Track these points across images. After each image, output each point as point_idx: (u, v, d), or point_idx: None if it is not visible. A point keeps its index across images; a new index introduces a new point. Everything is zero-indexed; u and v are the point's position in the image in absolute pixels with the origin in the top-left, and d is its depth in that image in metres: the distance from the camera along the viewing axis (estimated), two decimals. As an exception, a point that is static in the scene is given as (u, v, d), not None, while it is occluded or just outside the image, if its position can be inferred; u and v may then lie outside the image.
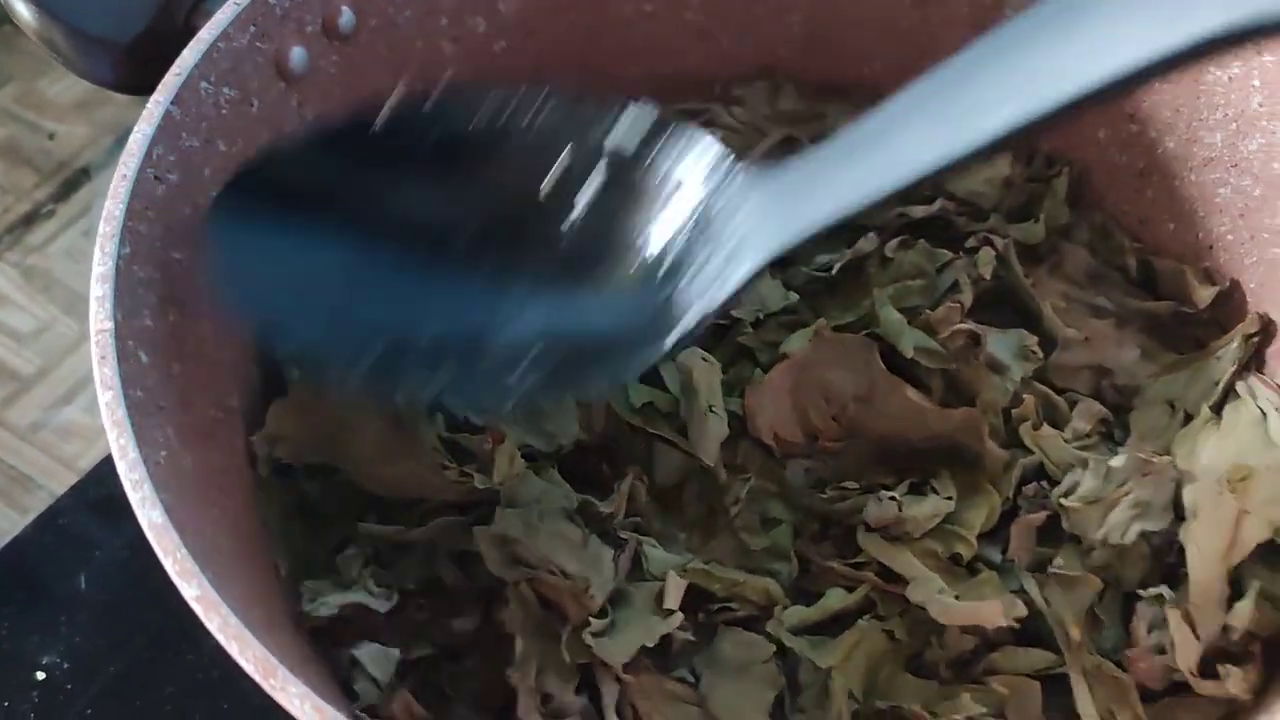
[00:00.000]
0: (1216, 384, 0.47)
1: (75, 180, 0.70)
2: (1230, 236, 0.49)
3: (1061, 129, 0.53)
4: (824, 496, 0.45)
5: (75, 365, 0.63)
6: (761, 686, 0.41)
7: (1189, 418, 0.47)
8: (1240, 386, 0.47)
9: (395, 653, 0.43)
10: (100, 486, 0.54)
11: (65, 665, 0.50)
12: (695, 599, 0.44)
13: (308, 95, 0.48)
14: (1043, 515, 0.44)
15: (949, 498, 0.44)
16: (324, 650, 0.43)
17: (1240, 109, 0.47)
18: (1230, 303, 0.50)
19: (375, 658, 0.42)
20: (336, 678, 0.42)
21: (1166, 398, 0.48)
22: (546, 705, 0.41)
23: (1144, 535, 0.43)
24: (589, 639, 0.41)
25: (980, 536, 0.44)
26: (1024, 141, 0.54)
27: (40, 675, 0.50)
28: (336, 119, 0.43)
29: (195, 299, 0.43)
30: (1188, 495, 0.43)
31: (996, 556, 0.44)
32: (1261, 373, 0.47)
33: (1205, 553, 0.41)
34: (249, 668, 0.30)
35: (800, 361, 0.47)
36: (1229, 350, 0.47)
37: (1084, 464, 0.45)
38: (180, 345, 0.41)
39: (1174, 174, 0.51)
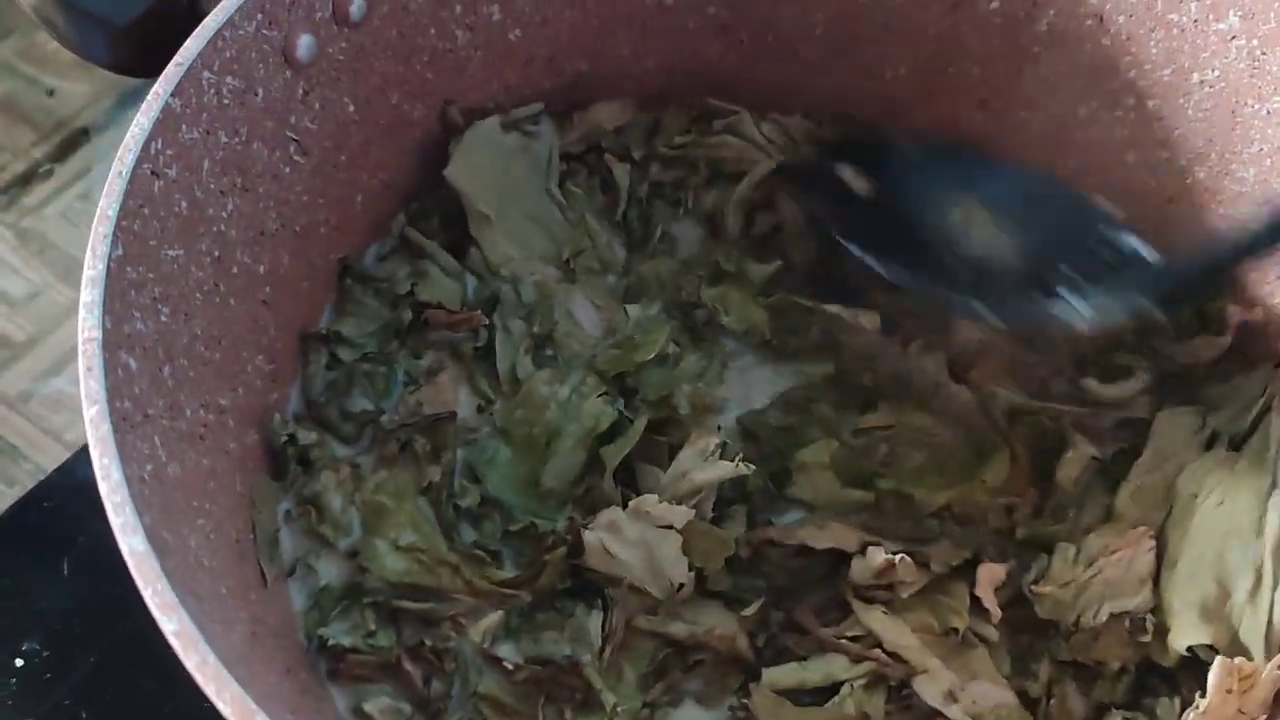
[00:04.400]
0: (1248, 408, 0.46)
1: (74, 140, 0.68)
2: (1254, 274, 0.48)
3: (1091, 151, 0.52)
4: None
5: (67, 334, 0.61)
6: None
7: (1214, 439, 0.46)
8: (1274, 419, 0.46)
9: (406, 707, 0.43)
10: (87, 467, 0.53)
11: (45, 653, 0.49)
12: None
13: (315, 83, 0.46)
14: (1001, 569, 0.44)
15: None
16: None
17: (1277, 145, 0.46)
18: (1257, 336, 0.48)
19: (386, 712, 0.42)
20: (322, 696, 0.42)
21: (1183, 427, 0.47)
22: None
23: (1115, 616, 0.43)
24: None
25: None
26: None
27: (19, 662, 0.49)
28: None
29: (189, 296, 0.41)
30: (1212, 676, 0.40)
31: (991, 633, 0.44)
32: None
33: None
34: (226, 710, 0.29)
35: None
36: (1256, 374, 0.47)
37: (1048, 549, 0.45)
38: (171, 346, 0.40)
39: (1202, 204, 0.49)
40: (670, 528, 0.43)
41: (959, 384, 0.48)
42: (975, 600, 0.44)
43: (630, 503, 0.44)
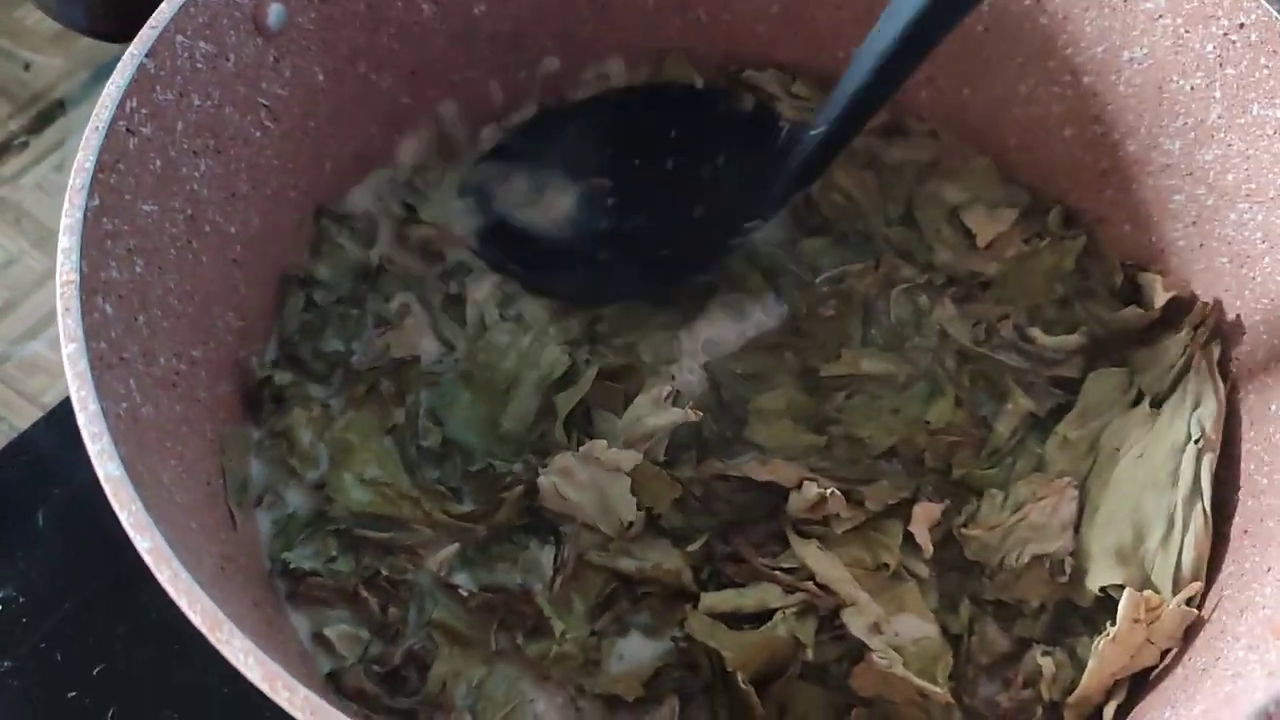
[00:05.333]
0: (1171, 368, 0.49)
1: (50, 113, 0.69)
2: (1182, 243, 0.51)
3: (1030, 126, 0.55)
4: None
5: (42, 300, 0.63)
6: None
7: (1140, 398, 0.49)
8: (1193, 378, 0.48)
9: (364, 633, 0.45)
10: (63, 424, 0.54)
11: (21, 599, 0.51)
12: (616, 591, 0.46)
13: (285, 51, 0.48)
14: (937, 508, 0.46)
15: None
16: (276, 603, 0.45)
17: (1199, 119, 0.48)
18: (1184, 307, 0.51)
19: (345, 637, 0.44)
20: (285, 629, 0.44)
21: (1111, 386, 0.50)
22: None
23: (1038, 558, 0.46)
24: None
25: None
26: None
27: (-3, 607, 0.51)
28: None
29: (163, 250, 0.43)
30: (1122, 606, 0.43)
31: (922, 569, 0.46)
32: (1224, 372, 0.48)
33: (1104, 669, 0.43)
34: (196, 620, 0.31)
35: None
36: (1178, 338, 0.49)
37: (979, 493, 0.47)
38: (145, 297, 0.41)
39: (1133, 177, 0.52)
40: (619, 470, 0.45)
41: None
42: (909, 539, 0.46)
43: (581, 448, 0.46)
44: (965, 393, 0.50)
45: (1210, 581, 0.44)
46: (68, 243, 0.37)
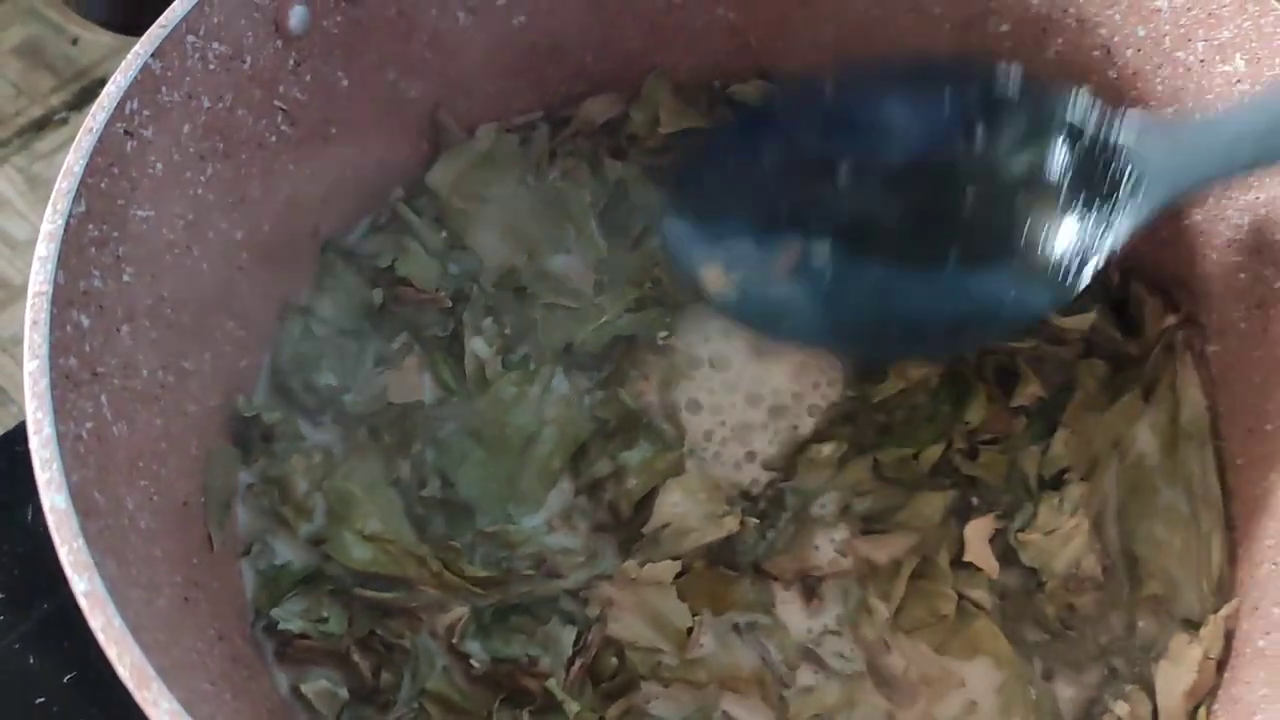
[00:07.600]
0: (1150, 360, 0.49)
1: (93, 90, 0.68)
2: (1244, 325, 0.47)
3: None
4: None
5: (64, 282, 0.63)
6: None
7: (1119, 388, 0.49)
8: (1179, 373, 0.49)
9: (344, 694, 0.42)
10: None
11: (1, 597, 0.50)
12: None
13: (306, 55, 0.46)
14: (989, 520, 0.45)
15: None
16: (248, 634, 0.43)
17: (1274, 194, 0.45)
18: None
19: (322, 694, 0.42)
20: (255, 665, 0.42)
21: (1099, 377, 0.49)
22: None
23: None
24: None
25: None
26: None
27: (-27, 604, 0.50)
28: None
29: (157, 257, 0.41)
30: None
31: (984, 597, 0.45)
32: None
33: (1174, 690, 0.42)
34: (123, 674, 0.30)
35: None
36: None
37: (1033, 498, 0.46)
38: (132, 306, 0.40)
39: (1196, 250, 0.48)
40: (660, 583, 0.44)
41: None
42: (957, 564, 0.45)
43: (615, 573, 0.44)
44: (992, 381, 0.49)
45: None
46: (45, 250, 0.35)
